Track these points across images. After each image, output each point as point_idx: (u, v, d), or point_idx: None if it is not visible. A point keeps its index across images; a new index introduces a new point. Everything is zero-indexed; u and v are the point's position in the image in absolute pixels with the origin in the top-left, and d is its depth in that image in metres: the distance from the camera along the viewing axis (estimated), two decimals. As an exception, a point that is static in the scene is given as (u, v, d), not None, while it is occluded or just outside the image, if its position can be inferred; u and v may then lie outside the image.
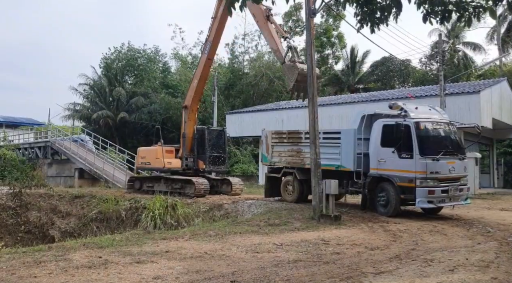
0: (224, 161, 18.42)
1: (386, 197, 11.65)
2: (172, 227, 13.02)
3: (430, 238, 8.77)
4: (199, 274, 5.82)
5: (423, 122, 11.50)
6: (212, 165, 17.96)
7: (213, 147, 18.06)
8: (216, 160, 18.04)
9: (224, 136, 18.58)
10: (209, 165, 17.82)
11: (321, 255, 7.13)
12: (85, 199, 17.56)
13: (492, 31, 39.46)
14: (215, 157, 18.01)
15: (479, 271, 6.18)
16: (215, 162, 18.03)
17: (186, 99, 18.33)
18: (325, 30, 42.13)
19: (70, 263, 6.29)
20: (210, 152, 17.86)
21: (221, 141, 18.42)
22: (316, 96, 11.56)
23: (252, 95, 38.97)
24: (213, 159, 17.96)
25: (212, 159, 17.90)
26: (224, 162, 18.41)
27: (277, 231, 9.34)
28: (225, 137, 18.60)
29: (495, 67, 39.47)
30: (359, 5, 6.57)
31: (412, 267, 6.38)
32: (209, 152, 17.83)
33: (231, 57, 44.24)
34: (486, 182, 25.83)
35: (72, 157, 27.29)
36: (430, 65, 40.77)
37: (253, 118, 28.45)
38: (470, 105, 20.00)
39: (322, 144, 12.25)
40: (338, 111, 23.88)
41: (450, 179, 11.41)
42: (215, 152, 18.06)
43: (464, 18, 6.25)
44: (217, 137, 18.39)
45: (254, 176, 29.13)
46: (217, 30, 16.80)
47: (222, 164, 18.30)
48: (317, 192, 10.96)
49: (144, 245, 7.76)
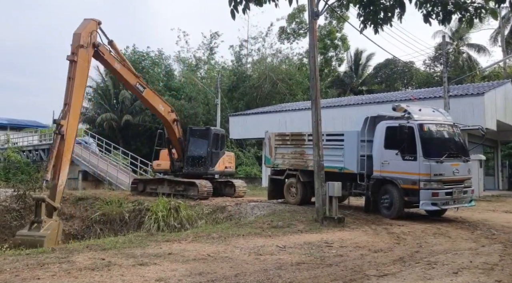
0: (205, 163, 17.24)
1: (389, 199, 11.60)
2: (175, 229, 13.03)
3: (434, 241, 8.72)
4: (202, 276, 5.82)
5: (426, 124, 11.47)
6: (191, 166, 17.30)
7: (195, 147, 17.44)
8: (195, 161, 17.31)
9: (209, 135, 17.45)
10: (187, 167, 17.35)
11: (324, 257, 7.11)
12: (88, 201, 17.60)
13: (496, 33, 39.35)
14: (194, 158, 17.33)
15: (483, 274, 6.14)
16: (194, 163, 17.30)
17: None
18: (329, 32, 42.15)
19: (73, 265, 6.31)
20: (190, 153, 17.41)
21: (204, 141, 17.42)
22: (319, 98, 11.55)
23: (255, 97, 39.00)
24: (193, 160, 17.33)
25: (191, 160, 17.34)
26: (204, 163, 17.26)
27: (280, 233, 9.33)
28: (210, 137, 17.40)
29: (500, 68, 39.32)
30: (362, 6, 6.59)
31: (415, 269, 6.35)
32: (189, 152, 17.41)
33: (234, 60, 44.38)
34: (490, 184, 25.68)
35: (76, 159, 27.35)
36: (434, 67, 40.69)
37: (256, 120, 28.44)
38: (474, 107, 19.91)
39: (326, 146, 12.23)
40: (342, 113, 23.84)
41: (454, 181, 11.35)
42: (195, 153, 17.38)
43: (465, 19, 6.25)
44: (200, 137, 17.63)
45: (258, 178, 29.10)
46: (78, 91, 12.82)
47: (202, 165, 17.27)
48: (320, 194, 10.95)
49: (147, 247, 7.76)
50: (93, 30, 13.43)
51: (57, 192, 11.92)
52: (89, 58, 13.30)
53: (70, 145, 12.41)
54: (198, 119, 36.90)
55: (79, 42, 12.78)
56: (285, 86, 38.28)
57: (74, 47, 12.76)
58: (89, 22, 13.44)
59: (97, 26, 13.73)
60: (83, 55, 12.91)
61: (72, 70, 12.62)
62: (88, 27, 13.25)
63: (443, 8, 6.22)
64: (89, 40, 13.14)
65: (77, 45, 12.77)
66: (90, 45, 13.21)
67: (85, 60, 13.02)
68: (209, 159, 17.24)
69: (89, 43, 13.13)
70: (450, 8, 6.21)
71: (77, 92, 12.67)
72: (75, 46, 12.76)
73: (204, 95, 39.67)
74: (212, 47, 45.33)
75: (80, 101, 13.18)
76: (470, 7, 6.23)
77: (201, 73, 46.27)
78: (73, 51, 12.73)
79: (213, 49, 45.56)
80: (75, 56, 12.62)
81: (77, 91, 12.65)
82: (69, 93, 12.49)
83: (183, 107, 37.81)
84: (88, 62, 13.25)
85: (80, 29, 13.12)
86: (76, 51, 12.69)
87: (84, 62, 12.97)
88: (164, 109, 16.99)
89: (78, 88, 12.67)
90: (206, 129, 18.20)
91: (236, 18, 6.25)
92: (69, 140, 12.30)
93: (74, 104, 12.54)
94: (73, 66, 12.62)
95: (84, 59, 12.96)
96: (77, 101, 12.77)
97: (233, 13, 6.20)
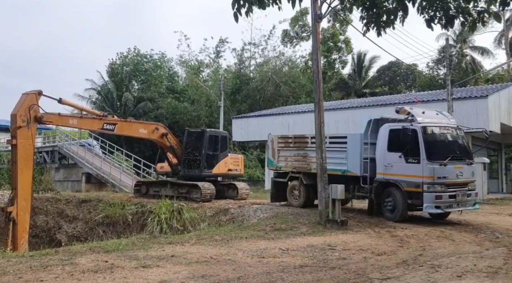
0: (199, 165, 17.11)
1: (393, 202, 11.57)
2: (178, 231, 13.05)
3: (438, 244, 8.69)
4: (204, 278, 5.81)
5: (430, 126, 11.43)
6: (187, 168, 17.31)
7: (191, 149, 17.44)
8: (191, 164, 17.29)
9: (204, 137, 17.27)
10: (183, 169, 17.37)
11: (327, 260, 7.09)
12: (92, 204, 17.65)
13: (500, 35, 39.28)
14: (190, 160, 17.32)
15: (487, 278, 6.11)
16: (190, 165, 17.29)
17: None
18: (332, 35, 42.16)
19: (76, 267, 6.31)
20: (186, 155, 17.40)
21: (200, 143, 17.30)
22: (322, 101, 11.56)
23: (258, 100, 39.05)
24: (188, 163, 17.33)
25: (187, 163, 17.34)
26: (199, 166, 17.13)
27: (283, 236, 9.32)
28: (205, 139, 17.23)
29: (504, 71, 39.22)
30: (365, 8, 6.60)
31: (419, 273, 6.33)
32: (184, 155, 17.42)
33: (237, 62, 44.48)
34: (494, 187, 25.57)
35: (79, 161, 27.44)
36: (437, 70, 40.63)
37: (259, 123, 28.44)
38: (478, 110, 19.84)
39: (329, 148, 12.22)
40: (345, 116, 23.81)
41: (458, 184, 11.31)
42: (191, 155, 17.36)
43: (468, 23, 6.23)
44: (196, 139, 17.54)
45: (260, 181, 29.10)
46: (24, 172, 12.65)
47: (196, 167, 17.18)
48: (323, 197, 10.93)
49: (150, 250, 7.77)
50: (32, 104, 12.91)
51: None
52: (33, 133, 13.00)
53: (24, 227, 12.34)
54: (200, 121, 37.00)
55: (16, 123, 12.43)
56: (288, 88, 38.31)
57: (13, 130, 12.48)
58: (26, 97, 12.92)
59: (37, 97, 13.21)
60: (24, 135, 12.58)
61: (14, 154, 12.48)
62: (25, 104, 12.76)
63: (446, 12, 6.21)
64: (28, 116, 12.69)
65: (14, 127, 12.45)
66: (31, 120, 12.81)
67: (28, 138, 12.69)
68: (203, 161, 17.11)
69: (29, 119, 12.72)
70: (453, 13, 6.20)
71: (24, 174, 12.47)
72: (13, 128, 12.46)
73: (207, 97, 39.76)
74: (219, 51, 45.50)
75: (29, 180, 12.77)
76: (473, 11, 6.22)
77: (204, 76, 46.42)
78: (12, 135, 12.45)
79: (219, 53, 45.74)
80: (14, 139, 12.37)
81: (23, 173, 12.46)
82: (14, 177, 12.41)
83: (186, 109, 37.93)
84: (32, 138, 12.93)
85: (15, 109, 12.67)
86: (14, 134, 12.40)
87: (27, 140, 12.64)
88: (147, 131, 16.81)
89: (23, 169, 12.47)
90: (201, 131, 18.05)
91: (239, 20, 6.28)
92: (22, 223, 12.26)
93: (23, 186, 12.38)
94: (15, 150, 12.41)
95: (27, 137, 12.64)
96: (25, 183, 12.54)
97: (236, 16, 6.23)
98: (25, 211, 12.39)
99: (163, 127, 17.47)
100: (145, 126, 17.10)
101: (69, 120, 14.71)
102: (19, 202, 12.19)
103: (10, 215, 11.97)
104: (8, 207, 12.10)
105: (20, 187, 12.29)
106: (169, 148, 17.43)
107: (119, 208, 15.95)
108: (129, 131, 16.61)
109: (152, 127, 17.12)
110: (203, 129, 18.71)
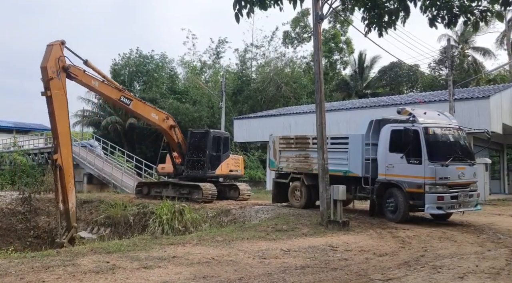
0: (203, 165, 17.16)
1: (394, 203, 11.55)
2: (179, 232, 13.04)
3: (440, 245, 8.67)
4: (206, 279, 5.81)
5: (432, 127, 11.42)
6: (191, 169, 17.35)
7: (194, 150, 17.45)
8: (195, 164, 17.33)
9: (208, 138, 17.29)
10: (187, 170, 17.40)
11: (329, 261, 7.08)
12: (93, 204, 17.67)
13: (502, 36, 39.21)
14: (194, 161, 17.35)
15: (489, 278, 6.09)
16: (194, 166, 17.33)
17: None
18: (333, 36, 42.17)
19: (78, 268, 6.32)
20: (190, 156, 17.43)
21: (203, 144, 17.30)
22: (323, 102, 11.55)
23: (259, 101, 39.05)
24: (192, 163, 17.36)
25: (191, 163, 17.38)
26: (203, 166, 17.18)
27: (284, 237, 9.31)
28: (209, 140, 17.24)
29: (505, 72, 39.15)
30: (367, 9, 6.59)
31: (421, 274, 6.32)
32: (188, 156, 17.45)
33: (239, 63, 44.49)
34: (496, 188, 25.51)
35: (81, 162, 27.47)
36: (439, 70, 40.57)
37: (260, 124, 28.44)
38: (479, 110, 19.79)
39: (330, 149, 12.20)
40: (346, 116, 23.78)
41: (460, 185, 11.29)
42: (194, 156, 17.37)
43: (471, 22, 6.23)
44: (200, 140, 17.53)
45: (262, 182, 29.10)
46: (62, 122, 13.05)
47: (200, 168, 17.21)
48: (324, 197, 10.92)
49: (152, 250, 7.77)
50: (59, 56, 12.98)
51: (70, 215, 13.05)
52: (63, 84, 13.09)
53: (70, 172, 13.05)
54: (202, 122, 37.00)
55: (47, 76, 12.54)
56: (290, 89, 38.31)
57: (45, 82, 12.59)
58: (52, 48, 12.89)
59: (62, 47, 13.24)
60: (56, 85, 12.73)
61: (50, 105, 12.66)
62: (52, 55, 12.80)
63: (449, 11, 6.21)
64: (58, 67, 12.82)
65: (47, 79, 12.56)
66: (60, 71, 12.92)
67: (60, 89, 12.84)
68: (208, 162, 17.15)
69: (59, 70, 12.85)
70: (456, 12, 6.19)
71: (61, 123, 12.90)
72: (45, 81, 12.58)
73: (208, 98, 39.76)
74: (219, 51, 45.55)
75: (67, 128, 13.33)
76: (476, 10, 6.21)
77: (206, 76, 46.45)
78: (45, 86, 12.59)
79: (220, 53, 45.78)
80: (48, 91, 12.52)
81: (61, 122, 12.87)
82: (54, 127, 12.86)
83: (188, 110, 37.94)
84: (63, 88, 13.05)
85: (44, 61, 12.69)
86: (47, 86, 12.54)
87: (60, 91, 12.81)
88: (158, 117, 16.86)
89: (60, 119, 12.83)
90: (205, 132, 18.06)
91: (240, 21, 6.28)
92: (67, 168, 12.97)
93: (62, 134, 12.90)
94: (50, 101, 12.61)
95: (59, 88, 12.80)
96: (64, 131, 13.05)
97: (238, 17, 6.23)
98: (68, 157, 13.09)
99: (173, 120, 17.59)
100: (157, 112, 17.13)
101: (92, 81, 14.60)
102: (61, 149, 12.80)
103: (56, 162, 12.68)
104: (53, 155, 12.85)
105: (60, 136, 12.84)
106: (176, 144, 17.49)
107: (121, 209, 15.96)
108: (142, 111, 16.57)
109: (163, 115, 17.22)
110: (207, 129, 18.76)
